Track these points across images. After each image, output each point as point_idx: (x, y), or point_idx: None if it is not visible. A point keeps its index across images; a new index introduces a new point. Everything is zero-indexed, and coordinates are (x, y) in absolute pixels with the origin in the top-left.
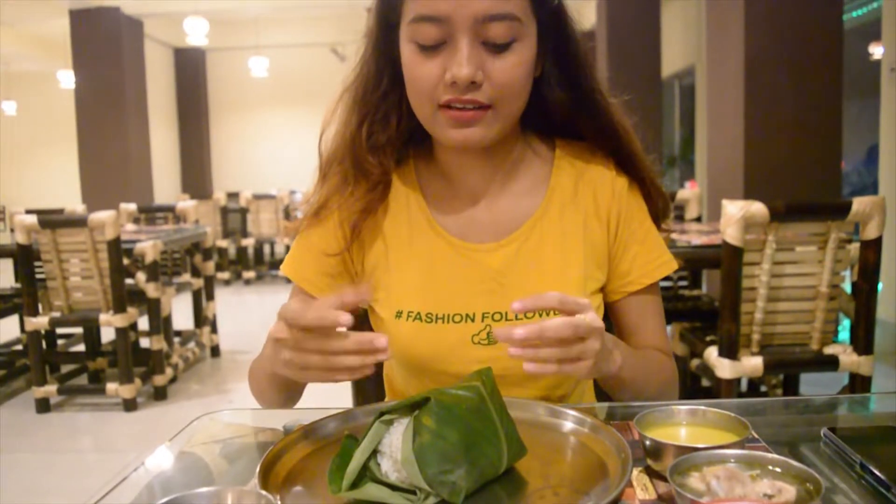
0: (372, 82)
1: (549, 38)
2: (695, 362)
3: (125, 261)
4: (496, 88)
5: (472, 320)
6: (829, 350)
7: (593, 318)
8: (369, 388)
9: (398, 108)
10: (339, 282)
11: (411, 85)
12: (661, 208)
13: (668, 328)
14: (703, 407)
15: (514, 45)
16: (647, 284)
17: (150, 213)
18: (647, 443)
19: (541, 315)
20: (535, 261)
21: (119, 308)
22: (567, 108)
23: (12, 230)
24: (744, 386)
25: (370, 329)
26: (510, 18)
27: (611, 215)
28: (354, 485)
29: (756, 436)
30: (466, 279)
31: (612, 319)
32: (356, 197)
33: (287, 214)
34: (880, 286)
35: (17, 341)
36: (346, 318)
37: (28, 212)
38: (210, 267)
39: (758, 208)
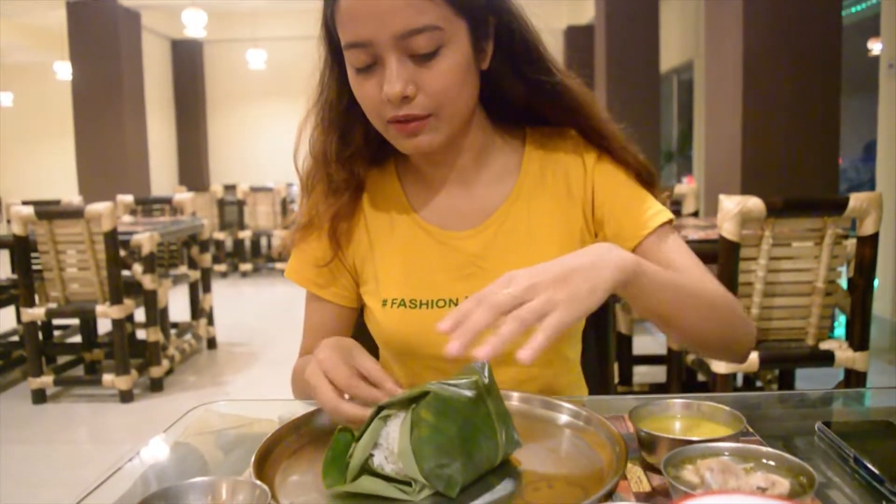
0: (334, 101)
1: (486, 32)
2: (690, 357)
3: (122, 252)
4: (431, 97)
5: (455, 304)
6: (824, 346)
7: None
8: None
9: (363, 121)
10: (341, 279)
11: (361, 105)
12: (644, 174)
13: None
14: (697, 400)
15: (442, 51)
16: (644, 236)
17: (146, 205)
18: (642, 435)
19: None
20: (511, 244)
21: (115, 299)
22: (523, 95)
23: (9, 221)
24: (739, 381)
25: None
26: (430, 29)
27: (586, 191)
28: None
29: (750, 429)
30: (447, 265)
31: None
32: (328, 204)
33: (284, 207)
34: (876, 282)
35: (14, 332)
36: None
37: (25, 203)
38: (207, 259)
39: (755, 203)
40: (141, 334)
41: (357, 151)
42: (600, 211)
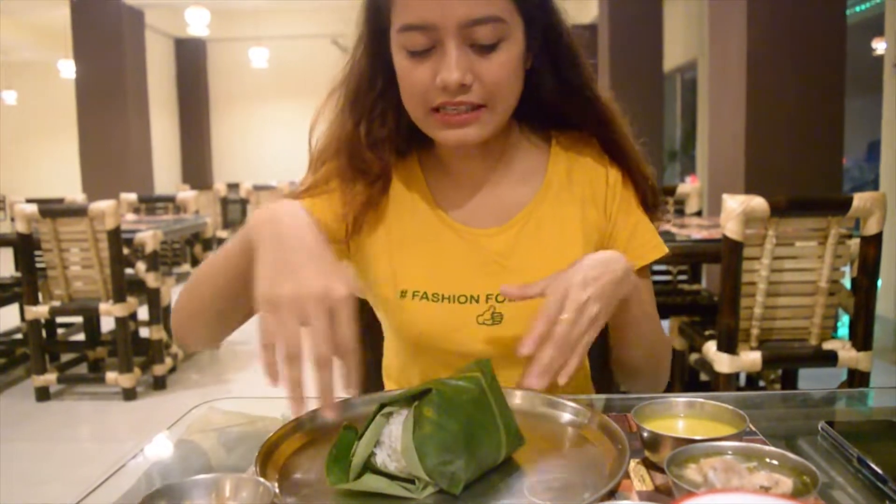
0: (366, 83)
1: (537, 32)
2: (693, 357)
3: (125, 250)
4: (486, 88)
5: (477, 301)
6: (827, 346)
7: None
8: (367, 377)
9: (396, 106)
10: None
11: (404, 90)
12: (650, 199)
13: (667, 322)
14: (700, 399)
15: (501, 44)
16: (639, 266)
17: (150, 203)
18: (645, 434)
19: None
20: (535, 243)
21: (119, 298)
22: (557, 98)
23: (13, 219)
24: (742, 381)
25: (372, 313)
26: (494, 20)
27: (606, 204)
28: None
29: (754, 429)
30: (470, 262)
31: None
32: (357, 191)
33: None
34: (880, 282)
35: (17, 330)
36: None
37: (28, 201)
38: None
39: (758, 203)
40: (144, 332)
41: (387, 137)
42: (612, 230)
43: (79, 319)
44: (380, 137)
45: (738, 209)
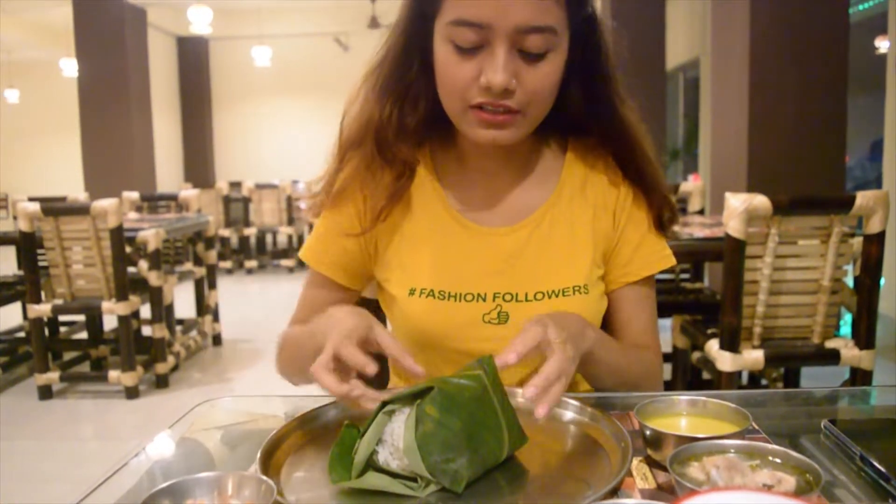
0: (402, 69)
1: (579, 46)
2: (696, 355)
3: (127, 249)
4: (527, 95)
5: (484, 300)
6: (830, 344)
7: (534, 330)
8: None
9: (426, 94)
10: (353, 264)
11: (444, 83)
12: (666, 217)
13: (669, 321)
14: (703, 398)
15: (549, 54)
16: (645, 276)
17: (152, 202)
18: (648, 432)
19: (550, 297)
20: (545, 245)
21: (121, 296)
22: (583, 110)
23: (15, 218)
24: (744, 379)
25: (379, 309)
26: (549, 31)
27: (616, 216)
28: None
29: (756, 427)
30: (479, 260)
31: (607, 310)
32: (384, 185)
33: (289, 204)
34: (882, 281)
35: (20, 328)
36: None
37: (31, 199)
38: (212, 256)
39: (761, 201)
40: (147, 331)
41: (415, 128)
42: (620, 242)
43: (81, 318)
44: (409, 126)
45: (740, 207)
